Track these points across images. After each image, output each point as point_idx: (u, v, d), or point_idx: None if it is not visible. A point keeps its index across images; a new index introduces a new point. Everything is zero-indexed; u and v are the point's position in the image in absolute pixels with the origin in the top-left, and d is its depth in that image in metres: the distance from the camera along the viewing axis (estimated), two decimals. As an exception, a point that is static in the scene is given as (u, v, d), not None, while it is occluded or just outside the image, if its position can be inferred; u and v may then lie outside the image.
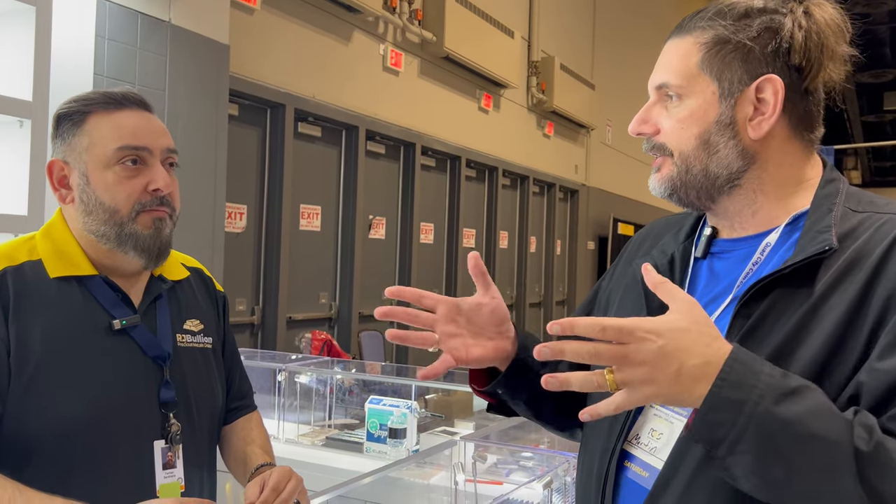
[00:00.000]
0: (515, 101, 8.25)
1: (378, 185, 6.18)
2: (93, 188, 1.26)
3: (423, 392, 3.24)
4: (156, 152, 1.28)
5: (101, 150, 1.26)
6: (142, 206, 1.27)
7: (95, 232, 1.27)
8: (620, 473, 0.93)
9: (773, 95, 0.91)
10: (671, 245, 1.05)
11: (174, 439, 1.30)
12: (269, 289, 5.03)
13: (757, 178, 0.95)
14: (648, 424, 0.93)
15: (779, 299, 0.88)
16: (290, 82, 5.08)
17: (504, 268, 8.33)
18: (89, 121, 1.27)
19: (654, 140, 0.99)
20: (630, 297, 1.04)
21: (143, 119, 1.30)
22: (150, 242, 1.28)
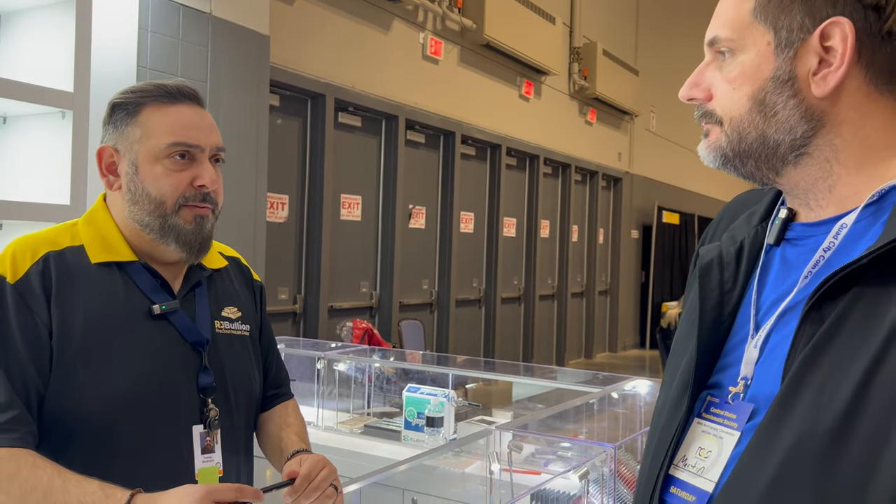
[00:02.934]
0: (557, 87, 8.16)
1: (418, 174, 6.18)
2: (141, 178, 1.28)
3: (462, 381, 3.23)
4: (206, 149, 1.30)
5: (153, 144, 1.27)
6: (185, 199, 1.28)
7: (140, 221, 1.29)
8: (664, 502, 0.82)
9: (841, 42, 0.75)
10: (743, 229, 0.88)
11: (212, 424, 1.31)
12: (310, 278, 5.07)
13: (829, 145, 0.78)
14: (696, 443, 0.81)
15: (858, 302, 0.70)
16: (330, 72, 5.10)
17: (545, 257, 8.27)
18: (143, 112, 1.28)
19: (704, 107, 0.84)
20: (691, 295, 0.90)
21: (196, 115, 1.31)
22: (192, 237, 1.29)
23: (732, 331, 0.83)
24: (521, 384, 3.25)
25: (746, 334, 0.80)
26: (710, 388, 0.82)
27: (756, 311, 0.81)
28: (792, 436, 0.69)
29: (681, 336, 0.89)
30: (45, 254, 1.24)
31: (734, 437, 0.77)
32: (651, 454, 0.84)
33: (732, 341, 0.82)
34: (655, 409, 0.90)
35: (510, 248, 7.59)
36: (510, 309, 7.66)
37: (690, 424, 0.82)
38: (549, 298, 8.45)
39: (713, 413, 0.80)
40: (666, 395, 0.87)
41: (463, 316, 6.80)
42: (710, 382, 0.83)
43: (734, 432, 0.77)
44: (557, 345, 8.64)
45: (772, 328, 0.78)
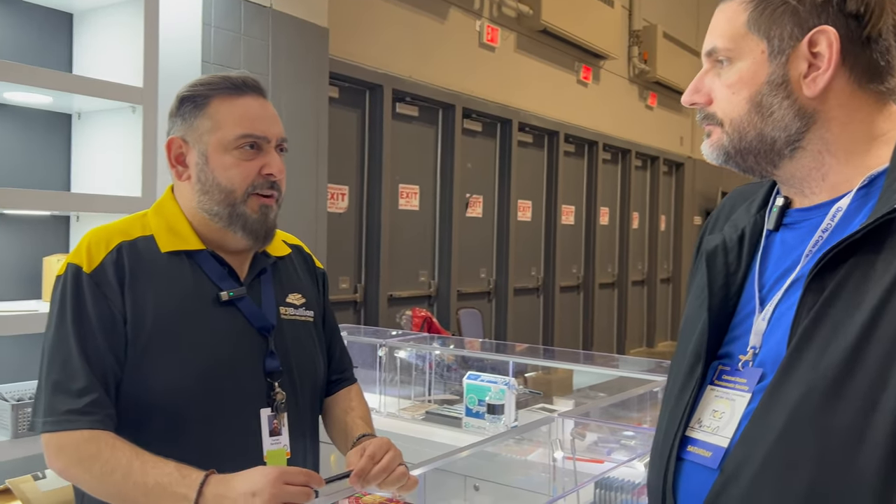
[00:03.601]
0: (616, 72, 8.03)
1: (475, 162, 6.17)
2: (211, 168, 1.32)
3: (522, 369, 3.22)
4: (272, 140, 1.34)
5: (223, 135, 1.31)
6: (254, 187, 1.32)
7: (209, 210, 1.33)
8: (681, 460, 0.90)
9: (827, 48, 0.85)
10: (743, 218, 0.99)
11: (279, 408, 1.34)
12: (370, 267, 5.13)
13: (820, 139, 0.88)
14: (710, 407, 0.90)
15: (854, 270, 0.80)
16: (388, 63, 5.12)
17: (605, 245, 8.17)
18: (212, 104, 1.33)
19: (705, 110, 0.94)
20: (697, 278, 0.99)
21: (261, 107, 1.35)
22: (258, 226, 1.33)
23: (738, 308, 0.93)
24: (582, 373, 3.22)
25: (752, 310, 0.91)
26: (720, 358, 0.92)
27: (760, 288, 0.91)
28: (798, 389, 0.79)
29: (690, 316, 0.98)
30: (118, 244, 1.29)
31: (746, 398, 0.86)
32: (666, 419, 0.94)
33: (739, 316, 0.93)
34: (668, 380, 0.99)
35: (569, 237, 7.52)
36: (569, 298, 7.60)
37: (703, 392, 0.91)
38: (608, 287, 8.35)
39: (724, 380, 0.90)
40: (678, 368, 0.96)
41: (521, 305, 6.78)
42: (720, 353, 0.92)
43: (745, 394, 0.86)
44: (618, 334, 8.54)
45: (778, 302, 0.88)
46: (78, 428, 1.19)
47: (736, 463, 0.82)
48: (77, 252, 1.28)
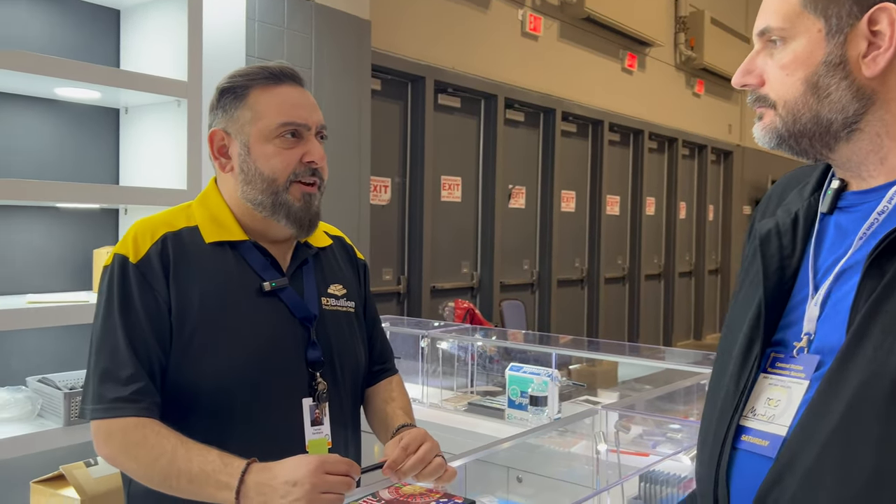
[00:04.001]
0: (662, 59, 7.88)
1: (518, 153, 6.12)
2: (253, 158, 1.33)
3: (566, 361, 3.19)
4: (312, 127, 1.35)
5: (264, 125, 1.32)
6: (296, 175, 1.33)
7: (252, 200, 1.34)
8: (735, 449, 0.88)
9: (889, 26, 0.82)
10: (796, 202, 0.96)
11: (321, 397, 1.35)
12: (413, 259, 5.14)
13: (879, 120, 0.85)
14: (764, 395, 0.87)
15: None
16: (430, 54, 5.11)
17: (651, 236, 8.04)
18: (251, 95, 1.34)
19: (757, 91, 0.91)
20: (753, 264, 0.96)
21: (300, 95, 1.36)
22: (302, 213, 1.34)
23: (793, 293, 0.90)
24: (628, 365, 3.18)
25: (806, 295, 0.88)
26: (774, 345, 0.89)
27: (814, 273, 0.88)
28: (859, 378, 0.76)
29: (741, 302, 0.95)
30: (163, 234, 1.31)
31: (803, 386, 0.83)
32: (718, 408, 0.91)
33: (793, 302, 0.90)
34: (715, 368, 0.96)
35: (614, 227, 7.42)
36: (614, 289, 7.51)
37: (756, 380, 0.88)
38: (655, 278, 8.22)
39: (779, 367, 0.87)
40: (727, 355, 0.93)
41: (565, 296, 6.72)
42: (774, 340, 0.89)
43: (803, 381, 0.84)
44: (664, 326, 8.41)
45: (830, 287, 0.85)
46: (125, 415, 1.21)
47: (793, 451, 0.80)
48: (123, 243, 1.30)
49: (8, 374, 2.29)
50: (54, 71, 2.13)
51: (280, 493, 1.09)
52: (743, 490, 0.85)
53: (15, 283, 2.35)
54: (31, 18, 2.38)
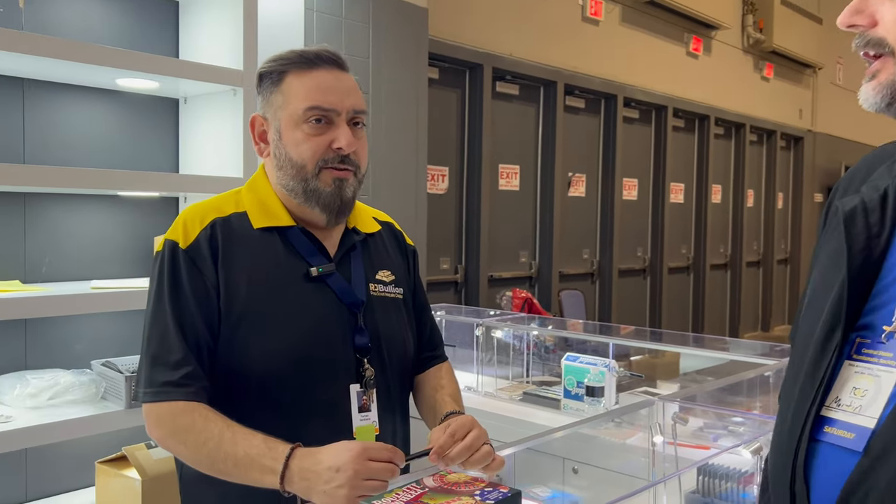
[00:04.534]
0: (729, 42, 7.63)
1: (578, 140, 6.02)
2: (284, 144, 1.32)
3: (626, 352, 3.13)
4: (342, 112, 1.32)
5: (293, 109, 1.31)
6: (325, 162, 1.31)
7: (286, 186, 1.34)
8: (816, 442, 0.81)
9: None
10: (884, 179, 0.86)
11: (368, 384, 1.34)
12: (470, 248, 5.11)
13: None
14: (849, 384, 0.80)
15: None
16: (488, 41, 5.06)
17: (717, 224, 7.82)
18: (286, 79, 1.33)
19: (868, 34, 0.78)
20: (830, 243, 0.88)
21: (334, 79, 1.33)
22: (331, 199, 1.32)
23: (881, 275, 0.82)
24: (690, 356, 3.09)
25: None
26: (858, 330, 0.82)
27: None
28: None
29: (820, 284, 0.86)
30: (212, 220, 1.32)
31: (894, 374, 0.76)
32: (795, 398, 0.83)
33: (882, 284, 0.82)
34: (792, 354, 0.88)
35: (678, 215, 7.24)
36: (678, 279, 7.34)
37: (839, 367, 0.81)
38: (721, 268, 8.00)
39: (865, 354, 0.79)
40: (805, 340, 0.85)
41: (626, 286, 6.59)
42: (859, 324, 0.82)
43: (893, 370, 0.76)
44: (731, 317, 8.18)
45: None
46: (174, 399, 1.22)
47: (883, 444, 0.73)
48: (174, 229, 1.32)
49: (74, 357, 2.37)
50: (116, 62, 2.17)
51: (323, 478, 1.08)
52: (825, 485, 0.79)
53: (79, 270, 2.42)
54: (92, 10, 2.44)
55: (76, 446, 2.35)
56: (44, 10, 2.32)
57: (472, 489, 1.09)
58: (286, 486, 1.12)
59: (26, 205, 2.30)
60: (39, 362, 2.31)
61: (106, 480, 2.21)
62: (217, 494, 1.28)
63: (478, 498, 1.06)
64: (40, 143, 2.33)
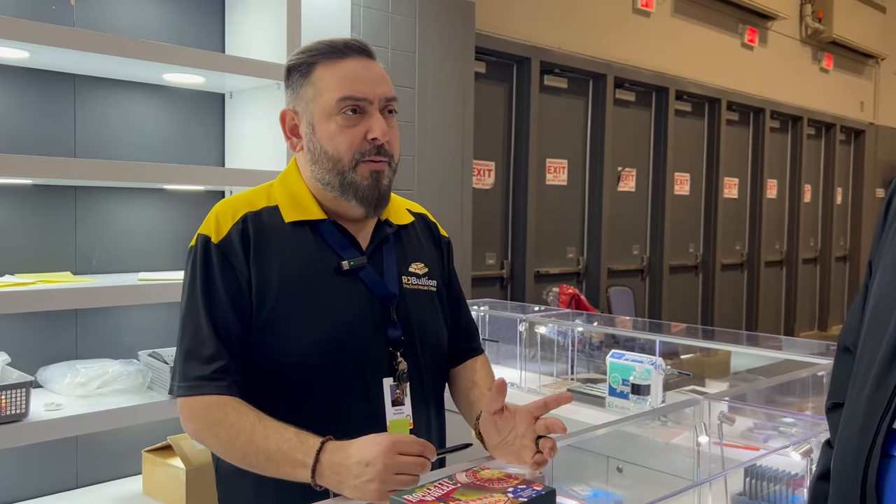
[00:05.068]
0: (785, 33, 7.41)
1: (628, 134, 5.92)
2: (318, 137, 1.31)
3: (674, 349, 3.05)
4: (374, 101, 1.29)
5: (325, 101, 1.29)
6: (361, 154, 1.29)
7: (321, 180, 1.32)
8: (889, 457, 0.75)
9: None
10: None
11: (402, 377, 1.32)
12: (516, 243, 5.07)
13: None
14: None
15: None
16: (536, 35, 5.01)
17: (772, 220, 7.61)
18: (315, 71, 1.31)
19: None
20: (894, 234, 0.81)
21: (364, 68, 1.30)
22: (369, 192, 1.30)
23: None
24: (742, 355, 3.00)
25: None
26: None
27: None
28: None
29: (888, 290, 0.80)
30: (243, 214, 1.31)
31: None
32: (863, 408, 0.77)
33: None
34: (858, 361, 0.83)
35: (731, 211, 7.06)
36: (731, 276, 7.16)
37: None
38: (776, 265, 7.78)
39: None
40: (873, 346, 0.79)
41: (677, 283, 6.46)
42: None
43: None
44: (786, 315, 7.95)
45: None
46: (207, 393, 1.22)
47: None
48: (206, 223, 1.32)
49: (122, 348, 2.42)
50: (165, 57, 2.21)
51: (354, 472, 1.07)
52: None
53: (127, 262, 2.47)
54: (141, 6, 2.48)
55: (124, 435, 2.40)
56: (94, 6, 2.37)
57: (506, 486, 1.07)
58: (317, 479, 1.12)
59: (77, 198, 2.36)
60: (89, 352, 2.36)
61: (152, 469, 2.25)
62: (252, 486, 1.29)
63: (510, 495, 1.03)
64: (90, 138, 2.38)
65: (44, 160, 2.04)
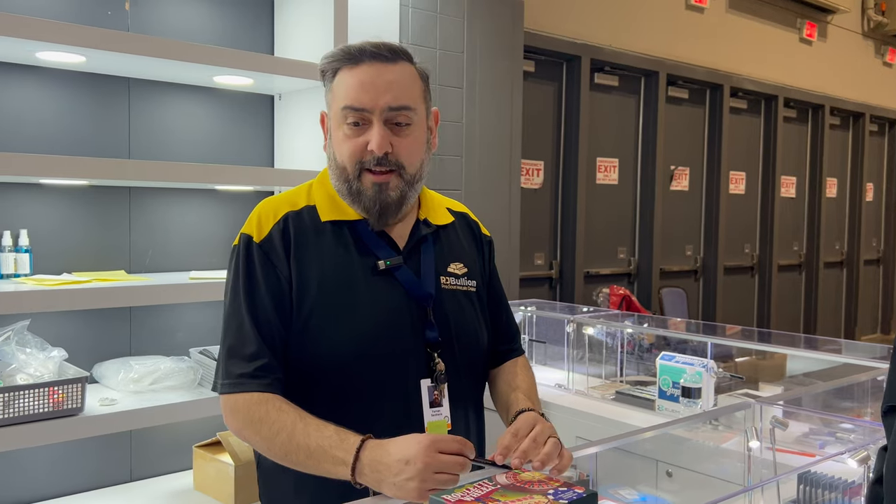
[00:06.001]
0: (846, 27, 7.17)
1: (681, 132, 5.80)
2: (332, 143, 1.32)
3: (727, 352, 2.98)
4: (375, 111, 1.26)
5: (336, 108, 1.30)
6: (362, 164, 1.28)
7: (335, 186, 1.33)
8: None
9: None
10: None
11: (440, 378, 1.31)
12: (566, 244, 5.02)
13: None
14: None
15: None
16: (586, 32, 4.95)
17: (832, 220, 7.37)
18: (336, 77, 1.30)
19: None
20: None
21: (374, 75, 1.26)
22: (372, 203, 1.29)
23: None
24: (798, 358, 2.91)
25: None
26: None
27: None
28: None
29: None
30: (285, 214, 1.32)
31: None
32: None
33: None
34: None
35: (789, 210, 6.87)
36: (789, 277, 6.96)
37: None
38: (836, 266, 7.53)
39: None
40: None
41: (732, 285, 6.30)
42: None
43: None
44: (846, 318, 7.69)
45: None
46: (249, 390, 1.23)
47: None
48: (249, 223, 1.33)
49: (174, 345, 2.47)
50: (216, 60, 2.25)
51: (393, 471, 1.07)
52: None
53: (179, 261, 2.52)
54: (192, 10, 2.53)
55: (175, 430, 2.45)
56: (146, 11, 2.42)
57: (546, 488, 1.05)
58: (357, 477, 1.12)
59: (131, 199, 2.42)
60: (142, 349, 2.42)
61: (202, 464, 2.30)
62: (292, 483, 1.29)
63: (551, 497, 1.01)
64: (144, 140, 2.44)
65: (99, 161, 2.10)
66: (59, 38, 1.96)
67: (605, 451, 1.45)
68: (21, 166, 1.94)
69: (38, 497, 2.23)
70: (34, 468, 2.22)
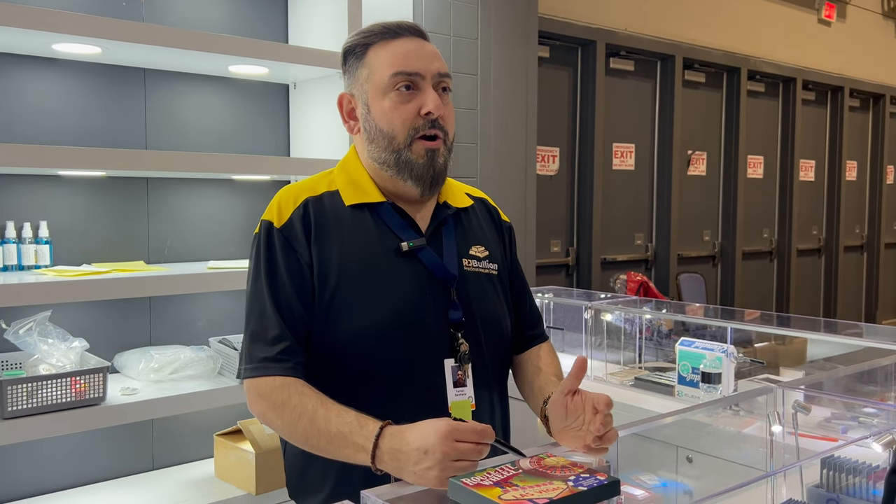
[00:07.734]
0: (867, 7, 7.06)
1: (697, 116, 5.75)
2: (373, 116, 1.32)
3: (747, 337, 2.95)
4: (427, 77, 1.30)
5: (378, 78, 1.31)
6: (415, 130, 1.29)
7: (378, 159, 1.33)
8: None
9: None
10: None
11: (463, 359, 1.32)
12: (582, 230, 5.00)
13: None
14: None
15: None
16: (600, 17, 4.91)
17: (852, 203, 7.29)
18: (369, 52, 1.33)
19: None
20: None
21: (417, 46, 1.32)
22: (424, 171, 1.31)
23: None
24: (819, 343, 2.88)
25: None
26: None
27: None
28: None
29: None
30: (304, 199, 1.33)
31: None
32: None
33: None
34: None
35: (807, 194, 6.80)
36: (808, 262, 6.90)
37: None
38: (856, 250, 7.45)
39: None
40: None
41: (751, 270, 6.26)
42: None
43: None
44: (867, 302, 7.62)
45: None
46: (272, 374, 1.24)
47: None
48: (269, 209, 1.34)
49: (194, 334, 2.49)
50: (231, 49, 2.25)
51: (413, 460, 1.07)
52: None
53: (197, 251, 2.53)
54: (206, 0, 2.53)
55: (196, 419, 2.47)
56: (161, 1, 2.42)
57: (568, 474, 1.05)
58: (377, 464, 1.12)
59: (149, 189, 2.43)
60: (162, 339, 2.44)
61: (223, 452, 2.32)
62: (317, 469, 1.30)
63: (571, 483, 1.01)
64: (161, 131, 2.45)
65: (116, 152, 2.11)
66: (74, 29, 1.97)
67: (626, 436, 1.44)
68: (40, 158, 1.95)
69: (61, 486, 2.26)
70: (57, 457, 2.25)
